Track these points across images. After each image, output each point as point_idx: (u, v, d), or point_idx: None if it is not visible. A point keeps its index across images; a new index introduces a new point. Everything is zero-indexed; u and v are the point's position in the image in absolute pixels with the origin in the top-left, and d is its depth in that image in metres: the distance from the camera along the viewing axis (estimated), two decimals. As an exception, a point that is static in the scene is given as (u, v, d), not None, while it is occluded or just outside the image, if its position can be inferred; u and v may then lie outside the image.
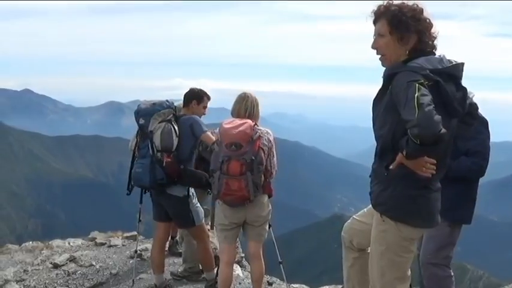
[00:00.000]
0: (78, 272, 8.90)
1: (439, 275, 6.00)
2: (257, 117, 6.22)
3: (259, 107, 6.27)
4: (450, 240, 5.98)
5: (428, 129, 3.48)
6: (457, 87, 3.95)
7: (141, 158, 6.65)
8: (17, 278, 9.12)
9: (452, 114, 3.92)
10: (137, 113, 6.72)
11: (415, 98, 3.56)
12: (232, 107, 6.32)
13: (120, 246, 10.27)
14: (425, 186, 4.03)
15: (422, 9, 4.05)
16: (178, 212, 6.85)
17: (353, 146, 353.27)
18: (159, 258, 7.17)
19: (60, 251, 10.36)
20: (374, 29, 4.18)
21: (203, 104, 7.36)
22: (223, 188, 5.77)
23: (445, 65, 3.92)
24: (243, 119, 5.98)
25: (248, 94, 6.32)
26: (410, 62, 3.92)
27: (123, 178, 8.13)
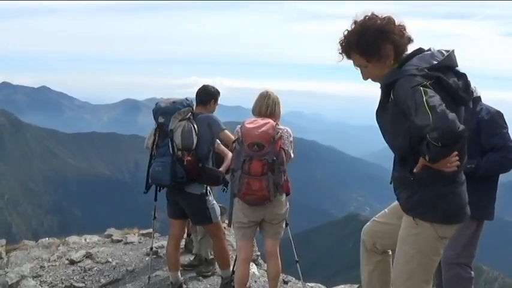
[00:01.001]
0: (95, 269, 8.92)
1: (462, 275, 5.95)
2: (278, 117, 6.22)
3: (280, 106, 6.26)
4: (475, 238, 5.94)
5: (447, 129, 3.42)
6: (457, 76, 3.93)
7: (160, 156, 6.63)
8: (33, 274, 9.15)
9: (461, 103, 3.88)
10: (156, 111, 6.68)
11: (425, 102, 3.50)
12: (253, 105, 6.31)
13: (136, 243, 10.28)
14: (453, 180, 3.97)
15: (381, 19, 4.01)
16: (196, 210, 6.84)
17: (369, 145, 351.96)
18: (175, 256, 7.16)
19: (76, 248, 10.39)
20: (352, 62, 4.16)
21: (217, 102, 7.38)
22: (244, 188, 5.76)
23: (439, 58, 3.87)
24: (265, 118, 5.97)
25: (270, 92, 6.31)
26: (405, 65, 3.88)
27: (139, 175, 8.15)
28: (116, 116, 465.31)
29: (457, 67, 3.96)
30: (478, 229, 5.91)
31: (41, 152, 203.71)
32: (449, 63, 3.91)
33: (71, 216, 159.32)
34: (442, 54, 3.91)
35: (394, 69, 3.95)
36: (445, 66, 3.87)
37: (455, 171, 3.88)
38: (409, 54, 3.97)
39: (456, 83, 3.85)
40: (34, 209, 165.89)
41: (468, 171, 5.58)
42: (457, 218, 4.10)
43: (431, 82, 3.67)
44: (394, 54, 3.99)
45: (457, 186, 4.02)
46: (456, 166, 3.82)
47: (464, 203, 4.08)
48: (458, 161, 3.82)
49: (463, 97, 3.86)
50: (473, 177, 5.64)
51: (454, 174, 3.93)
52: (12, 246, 12.20)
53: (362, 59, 4.04)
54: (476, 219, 5.76)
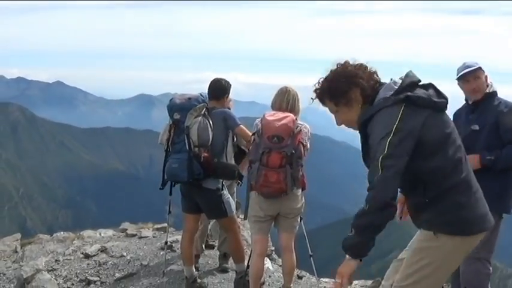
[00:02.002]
0: (109, 263, 8.95)
1: (480, 271, 5.92)
2: (298, 112, 6.24)
3: (300, 102, 6.27)
4: (494, 233, 5.90)
5: (378, 200, 3.65)
6: (424, 87, 3.94)
7: (176, 153, 6.62)
8: (48, 268, 9.19)
9: (441, 109, 3.91)
10: (171, 108, 6.67)
11: (380, 160, 3.63)
12: (273, 100, 6.33)
13: (151, 238, 10.30)
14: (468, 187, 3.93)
15: (352, 65, 4.08)
16: (211, 204, 6.85)
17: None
18: (189, 250, 7.16)
19: (91, 242, 10.42)
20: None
21: (229, 95, 7.38)
22: (261, 180, 5.78)
23: (401, 83, 3.91)
24: (285, 112, 5.99)
25: (289, 88, 6.33)
26: (374, 102, 3.93)
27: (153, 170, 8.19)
28: (130, 111, 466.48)
29: (420, 81, 3.98)
30: (497, 223, 5.87)
31: (56, 146, 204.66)
32: (411, 81, 3.93)
33: (86, 211, 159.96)
34: (401, 79, 3.96)
35: (367, 108, 3.99)
36: (409, 85, 3.88)
37: (467, 181, 3.91)
38: (375, 92, 4.00)
39: (427, 93, 3.87)
40: (49, 203, 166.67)
41: (488, 163, 5.60)
42: (481, 225, 4.00)
43: (403, 106, 3.75)
44: (362, 98, 4.01)
45: (475, 193, 3.97)
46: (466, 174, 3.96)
47: (486, 209, 4.02)
48: (469, 170, 4.05)
49: (439, 102, 3.88)
50: (492, 170, 5.65)
51: (466, 182, 3.92)
52: (27, 240, 12.26)
53: (331, 104, 4.12)
54: (495, 213, 5.73)
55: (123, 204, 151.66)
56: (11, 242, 12.69)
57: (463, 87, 5.98)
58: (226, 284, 7.50)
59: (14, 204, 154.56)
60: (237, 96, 62.65)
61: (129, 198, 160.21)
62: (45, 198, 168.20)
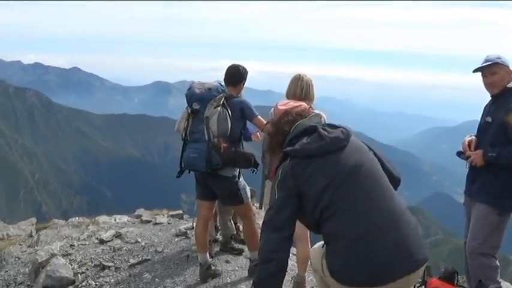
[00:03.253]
0: (124, 248, 8.97)
1: (486, 264, 5.89)
2: (312, 99, 6.19)
3: (315, 89, 6.24)
4: (499, 229, 5.86)
5: (260, 258, 3.81)
6: (311, 132, 3.92)
7: (195, 142, 6.61)
8: (63, 253, 9.23)
9: (337, 149, 3.83)
10: (191, 97, 6.63)
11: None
12: (287, 88, 6.30)
13: (166, 224, 10.30)
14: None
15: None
16: (227, 191, 6.84)
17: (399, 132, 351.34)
18: (203, 237, 7.16)
19: (106, 227, 10.45)
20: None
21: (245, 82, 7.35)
22: (274, 168, 5.78)
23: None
24: (298, 101, 5.94)
25: (303, 75, 6.29)
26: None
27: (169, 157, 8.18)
28: (147, 98, 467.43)
29: (313, 124, 3.97)
30: (502, 219, 5.84)
31: (72, 132, 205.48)
32: (300, 129, 3.99)
33: (100, 197, 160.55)
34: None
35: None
36: (295, 137, 3.97)
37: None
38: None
39: (317, 141, 3.82)
40: (64, 189, 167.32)
41: (489, 160, 5.58)
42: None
43: (303, 164, 3.81)
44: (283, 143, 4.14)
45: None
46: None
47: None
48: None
49: (329, 147, 3.79)
50: (494, 166, 5.63)
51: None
52: (43, 225, 12.32)
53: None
54: (498, 209, 5.72)
55: (138, 191, 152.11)
56: (27, 226, 12.78)
57: (482, 80, 5.96)
58: (240, 271, 7.50)
59: (29, 189, 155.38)
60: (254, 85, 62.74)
61: (144, 185, 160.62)
62: (61, 183, 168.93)
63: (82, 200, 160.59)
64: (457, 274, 4.97)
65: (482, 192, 5.75)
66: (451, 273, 4.95)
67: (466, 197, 6.16)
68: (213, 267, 7.30)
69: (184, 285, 7.20)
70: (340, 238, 3.66)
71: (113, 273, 8.19)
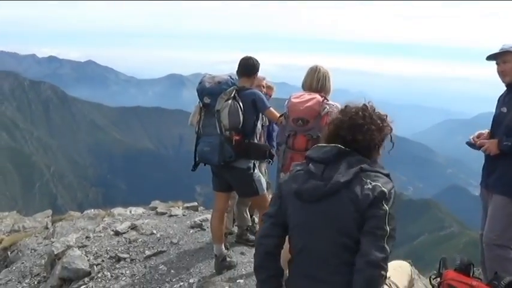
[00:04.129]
0: (139, 240, 8.98)
1: (503, 256, 5.84)
2: (328, 91, 6.14)
3: (331, 81, 6.21)
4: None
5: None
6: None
7: (207, 136, 6.61)
8: (79, 244, 9.27)
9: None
10: (202, 91, 6.62)
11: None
12: (303, 80, 6.23)
13: (181, 216, 10.32)
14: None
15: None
16: (243, 183, 6.84)
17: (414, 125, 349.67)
18: (219, 229, 7.16)
19: (121, 219, 10.48)
20: None
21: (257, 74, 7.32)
22: (287, 162, 5.76)
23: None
24: (312, 94, 5.91)
25: (320, 67, 6.23)
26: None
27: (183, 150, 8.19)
28: (161, 91, 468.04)
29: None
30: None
31: (87, 125, 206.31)
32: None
33: (115, 189, 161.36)
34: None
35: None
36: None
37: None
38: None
39: (302, 181, 3.61)
40: (79, 181, 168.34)
41: (504, 149, 5.54)
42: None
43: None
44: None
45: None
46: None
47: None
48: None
49: (305, 194, 3.57)
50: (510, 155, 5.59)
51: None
52: (58, 217, 12.40)
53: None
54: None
55: (153, 183, 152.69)
56: (42, 218, 12.86)
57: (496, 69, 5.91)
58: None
59: (45, 182, 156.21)
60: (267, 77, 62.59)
61: (159, 177, 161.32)
62: (76, 176, 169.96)
63: (97, 193, 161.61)
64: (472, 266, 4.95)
65: (500, 183, 5.70)
66: (466, 265, 4.92)
67: (483, 189, 6.11)
68: (228, 258, 7.31)
69: (200, 277, 7.22)
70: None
71: (129, 264, 8.23)
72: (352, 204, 3.29)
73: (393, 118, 3.79)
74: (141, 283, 7.47)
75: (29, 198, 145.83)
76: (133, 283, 7.54)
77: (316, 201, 3.43)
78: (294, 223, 3.63)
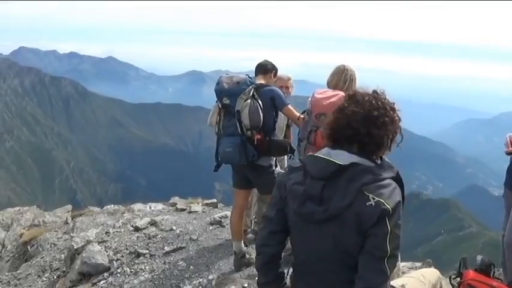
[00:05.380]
0: (159, 236, 9.01)
1: None
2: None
3: (357, 82, 6.16)
4: None
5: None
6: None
7: (228, 136, 6.59)
8: (98, 239, 9.32)
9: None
10: (220, 92, 6.61)
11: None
12: (329, 79, 6.20)
13: (200, 213, 10.34)
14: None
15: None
16: (264, 181, 6.82)
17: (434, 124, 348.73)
18: (239, 225, 7.16)
19: (141, 215, 10.52)
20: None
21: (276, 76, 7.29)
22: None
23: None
24: (335, 90, 5.89)
25: (347, 67, 6.17)
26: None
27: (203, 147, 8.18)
28: (181, 87, 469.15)
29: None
30: None
31: (107, 121, 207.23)
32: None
33: (135, 185, 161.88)
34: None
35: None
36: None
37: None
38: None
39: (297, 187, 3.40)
40: (99, 177, 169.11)
41: None
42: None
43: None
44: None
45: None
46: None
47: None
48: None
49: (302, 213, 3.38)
50: None
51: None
52: (78, 212, 12.46)
53: None
54: None
55: (172, 180, 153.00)
56: (62, 213, 12.93)
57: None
58: (274, 260, 7.51)
59: (64, 177, 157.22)
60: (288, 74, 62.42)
61: (178, 174, 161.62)
62: (96, 171, 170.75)
63: (116, 188, 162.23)
64: (493, 266, 4.93)
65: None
66: (487, 266, 4.89)
67: (506, 189, 6.07)
68: (248, 255, 7.30)
69: (219, 273, 7.22)
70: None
71: (148, 260, 8.25)
72: (354, 224, 3.09)
73: (412, 117, 3.62)
74: (160, 279, 7.49)
75: (49, 193, 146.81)
76: (153, 279, 7.56)
77: (317, 224, 3.25)
78: (294, 234, 3.48)
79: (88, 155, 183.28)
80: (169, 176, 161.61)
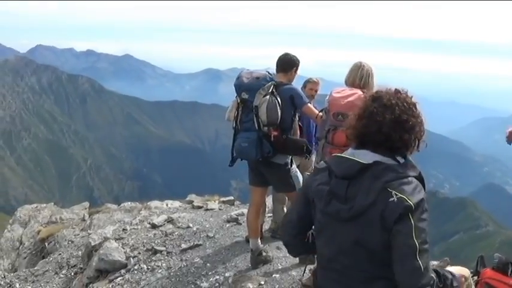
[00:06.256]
0: (176, 233, 9.02)
1: None
2: (371, 88, 6.00)
3: (374, 78, 6.15)
4: None
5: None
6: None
7: (245, 131, 6.60)
8: (115, 236, 9.35)
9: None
10: (239, 87, 6.60)
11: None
12: (347, 76, 6.18)
13: (217, 210, 10.36)
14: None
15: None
16: (280, 179, 6.83)
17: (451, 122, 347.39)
18: (255, 223, 7.16)
19: (158, 212, 10.54)
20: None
21: (298, 71, 7.28)
22: (326, 157, 5.74)
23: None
24: (353, 89, 5.88)
25: (364, 63, 6.15)
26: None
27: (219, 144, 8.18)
28: (198, 85, 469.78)
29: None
30: None
31: (124, 119, 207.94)
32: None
33: (151, 183, 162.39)
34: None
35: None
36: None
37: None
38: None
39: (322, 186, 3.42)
40: (116, 174, 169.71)
41: None
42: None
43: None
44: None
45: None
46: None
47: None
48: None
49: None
50: None
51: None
52: (95, 209, 12.52)
53: None
54: None
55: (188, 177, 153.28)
56: (80, 210, 13.00)
57: None
58: (291, 258, 7.46)
59: (81, 175, 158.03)
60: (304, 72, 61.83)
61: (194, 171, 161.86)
62: (113, 169, 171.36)
63: (133, 186, 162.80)
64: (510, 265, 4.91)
65: None
66: (504, 264, 4.88)
67: None
68: (264, 253, 7.30)
69: (235, 271, 7.22)
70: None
71: (165, 257, 8.26)
72: (379, 222, 3.11)
73: (429, 115, 3.57)
74: (177, 276, 7.50)
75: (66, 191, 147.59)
76: (169, 276, 7.57)
77: (342, 221, 3.26)
78: (320, 233, 3.48)
79: (105, 152, 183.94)
80: (185, 174, 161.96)
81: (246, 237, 8.19)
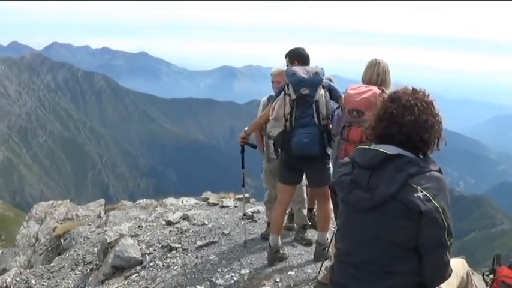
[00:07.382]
0: (191, 230, 9.04)
1: None
2: (388, 85, 6.02)
3: (391, 75, 6.14)
4: None
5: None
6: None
7: (303, 127, 6.56)
8: (131, 233, 9.38)
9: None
10: (299, 82, 6.55)
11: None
12: (363, 73, 6.17)
13: (232, 208, 10.37)
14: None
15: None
16: (320, 172, 6.82)
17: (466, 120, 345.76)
18: (281, 221, 7.14)
19: (173, 209, 10.57)
20: None
21: None
22: (341, 154, 5.72)
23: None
24: (369, 86, 5.87)
25: (379, 60, 6.14)
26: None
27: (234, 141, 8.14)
28: (213, 83, 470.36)
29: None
30: None
31: (139, 116, 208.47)
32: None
33: (166, 180, 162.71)
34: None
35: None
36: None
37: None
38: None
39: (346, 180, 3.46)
40: (131, 171, 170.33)
41: None
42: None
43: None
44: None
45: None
46: None
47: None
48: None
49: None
50: None
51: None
52: (111, 206, 12.56)
53: None
54: None
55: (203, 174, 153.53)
56: (95, 207, 13.05)
57: None
58: (306, 255, 7.48)
59: (97, 172, 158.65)
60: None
61: (209, 169, 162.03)
62: (128, 166, 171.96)
63: (148, 183, 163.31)
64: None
65: None
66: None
67: None
68: (282, 251, 7.31)
69: (251, 268, 7.22)
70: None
71: (180, 254, 8.28)
72: (402, 214, 3.12)
73: (444, 113, 3.56)
74: (193, 273, 7.51)
75: (81, 188, 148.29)
76: (185, 273, 7.58)
77: (363, 211, 3.29)
78: (341, 223, 3.52)
79: (120, 149, 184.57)
80: (200, 171, 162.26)
81: (261, 234, 8.22)
